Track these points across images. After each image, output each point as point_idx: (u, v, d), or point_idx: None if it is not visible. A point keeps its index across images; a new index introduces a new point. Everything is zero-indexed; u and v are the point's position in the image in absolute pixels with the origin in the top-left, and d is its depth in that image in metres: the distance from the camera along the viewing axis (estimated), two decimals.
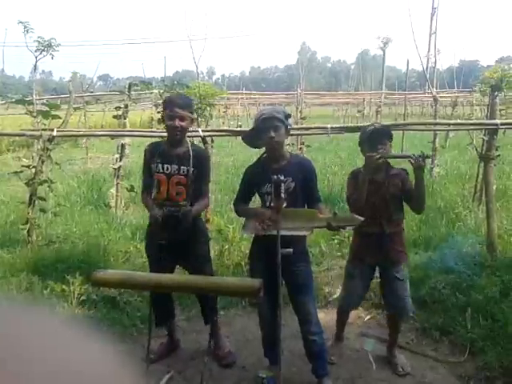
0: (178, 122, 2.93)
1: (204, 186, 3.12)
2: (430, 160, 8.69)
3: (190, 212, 2.90)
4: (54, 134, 4.82)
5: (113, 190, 6.46)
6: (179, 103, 2.96)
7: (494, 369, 2.96)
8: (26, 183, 4.93)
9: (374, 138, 2.89)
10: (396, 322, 3.18)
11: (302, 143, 8.27)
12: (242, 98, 18.14)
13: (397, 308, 3.07)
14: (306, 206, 2.82)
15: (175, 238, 2.95)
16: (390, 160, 3.01)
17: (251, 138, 2.89)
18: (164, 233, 2.92)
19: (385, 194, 2.92)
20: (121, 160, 6.32)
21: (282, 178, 2.47)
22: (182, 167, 2.99)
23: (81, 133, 6.94)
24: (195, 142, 3.73)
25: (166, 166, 3.01)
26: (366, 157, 2.87)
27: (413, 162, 2.75)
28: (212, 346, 3.17)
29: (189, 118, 2.99)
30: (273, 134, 2.69)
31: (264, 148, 2.88)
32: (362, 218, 2.61)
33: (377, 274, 3.16)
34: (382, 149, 2.86)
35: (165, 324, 3.35)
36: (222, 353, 3.23)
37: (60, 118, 5.39)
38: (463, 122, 5.89)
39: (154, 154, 3.04)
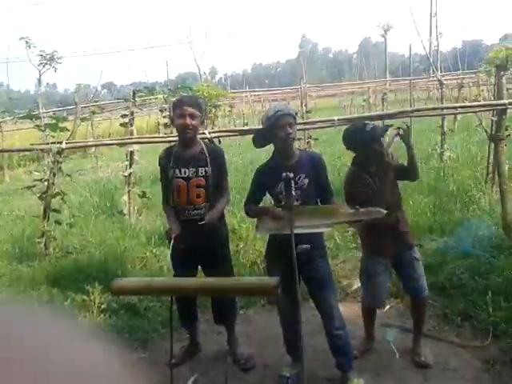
0: (188, 120, 2.88)
1: (223, 183, 3.09)
2: (440, 144, 8.62)
3: (212, 220, 2.90)
4: (63, 146, 4.87)
5: (125, 198, 6.49)
6: (189, 102, 2.94)
7: None
8: (39, 197, 4.99)
9: (379, 138, 2.90)
10: (419, 306, 3.14)
11: (310, 137, 8.24)
12: (246, 96, 18.11)
13: (420, 288, 3.05)
14: (319, 202, 2.81)
15: (197, 242, 2.92)
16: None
17: (263, 135, 2.86)
18: (186, 238, 2.92)
19: (386, 182, 2.94)
20: (130, 167, 6.36)
21: (292, 175, 2.47)
22: (199, 169, 2.95)
23: (89, 143, 6.99)
24: None
25: (183, 170, 2.96)
26: (377, 158, 2.90)
27: (402, 133, 2.88)
28: (230, 352, 3.20)
29: (199, 116, 2.95)
30: (290, 130, 2.70)
31: (272, 147, 2.88)
32: (384, 211, 2.59)
33: None
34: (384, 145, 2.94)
35: (189, 325, 3.35)
36: (242, 357, 3.22)
37: (68, 129, 5.45)
38: (470, 104, 5.84)
39: (169, 160, 3.00)
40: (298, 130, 5.02)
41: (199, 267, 3.22)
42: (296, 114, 2.87)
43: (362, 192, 2.89)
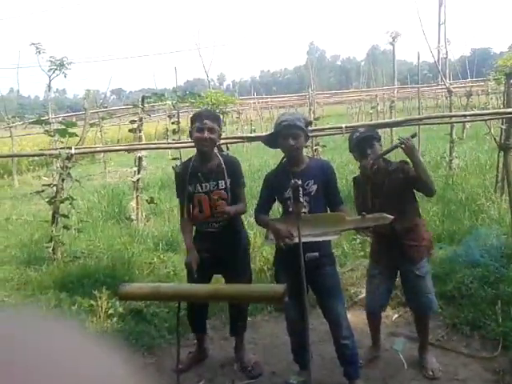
0: (207, 134, 2.90)
1: (240, 191, 3.11)
2: (449, 152, 8.58)
3: (227, 210, 2.92)
4: (73, 151, 4.90)
5: (133, 203, 6.52)
6: (208, 115, 2.98)
7: None
8: (48, 202, 5.02)
9: (362, 145, 2.87)
10: (421, 320, 3.10)
11: (317, 144, 8.23)
12: (254, 103, 18.17)
13: (419, 306, 3.02)
14: (327, 209, 2.81)
15: (216, 252, 2.96)
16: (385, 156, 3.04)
17: (270, 141, 2.93)
18: (207, 248, 2.97)
19: (388, 193, 2.87)
20: (139, 173, 6.39)
21: (300, 182, 2.47)
22: (219, 181, 2.99)
23: (98, 149, 7.03)
24: None
25: (203, 184, 3.00)
26: (361, 167, 2.93)
27: (403, 146, 2.75)
28: (237, 359, 3.19)
29: (217, 130, 2.99)
30: (292, 142, 2.70)
31: (282, 151, 2.89)
32: (391, 217, 2.58)
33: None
34: (372, 153, 2.84)
35: (201, 330, 3.34)
36: (249, 364, 3.20)
37: (77, 135, 5.48)
38: (479, 112, 5.80)
39: (187, 175, 3.03)
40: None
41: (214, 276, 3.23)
42: (309, 123, 2.88)
43: (358, 199, 2.98)
